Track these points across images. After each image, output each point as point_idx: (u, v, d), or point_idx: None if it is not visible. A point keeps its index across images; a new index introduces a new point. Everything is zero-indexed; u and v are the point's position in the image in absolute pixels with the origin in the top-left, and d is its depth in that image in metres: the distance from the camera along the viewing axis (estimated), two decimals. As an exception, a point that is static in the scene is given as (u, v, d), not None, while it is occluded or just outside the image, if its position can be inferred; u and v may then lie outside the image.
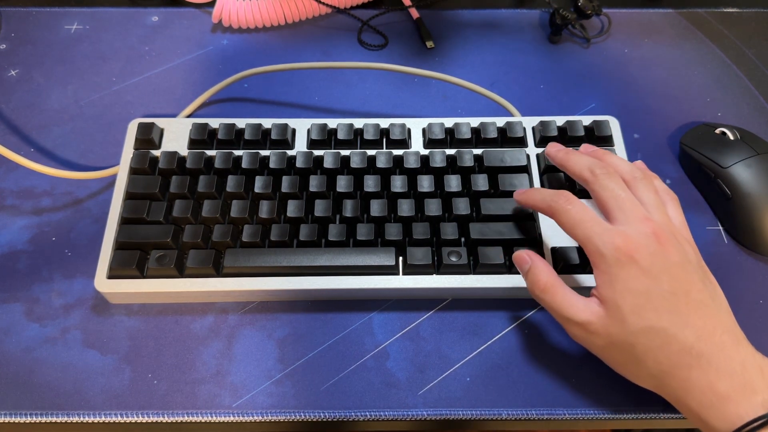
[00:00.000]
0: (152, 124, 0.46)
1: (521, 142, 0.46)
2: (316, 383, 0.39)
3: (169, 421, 0.38)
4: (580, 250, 0.41)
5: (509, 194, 0.43)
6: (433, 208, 0.42)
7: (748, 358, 0.32)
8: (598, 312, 0.34)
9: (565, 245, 0.41)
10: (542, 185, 0.44)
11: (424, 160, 0.44)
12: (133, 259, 0.40)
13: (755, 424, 0.29)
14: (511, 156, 0.44)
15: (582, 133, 0.45)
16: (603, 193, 0.36)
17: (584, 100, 0.53)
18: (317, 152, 0.45)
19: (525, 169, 0.44)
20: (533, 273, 0.36)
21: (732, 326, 0.33)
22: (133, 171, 0.44)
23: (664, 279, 0.32)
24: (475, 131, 0.46)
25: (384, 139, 0.46)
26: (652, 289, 0.32)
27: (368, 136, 0.46)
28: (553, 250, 0.41)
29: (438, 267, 0.41)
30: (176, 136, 0.46)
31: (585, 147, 0.42)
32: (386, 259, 0.40)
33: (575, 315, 0.34)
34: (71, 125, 0.51)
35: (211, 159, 0.45)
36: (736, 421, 0.30)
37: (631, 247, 0.33)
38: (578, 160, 0.38)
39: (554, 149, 0.41)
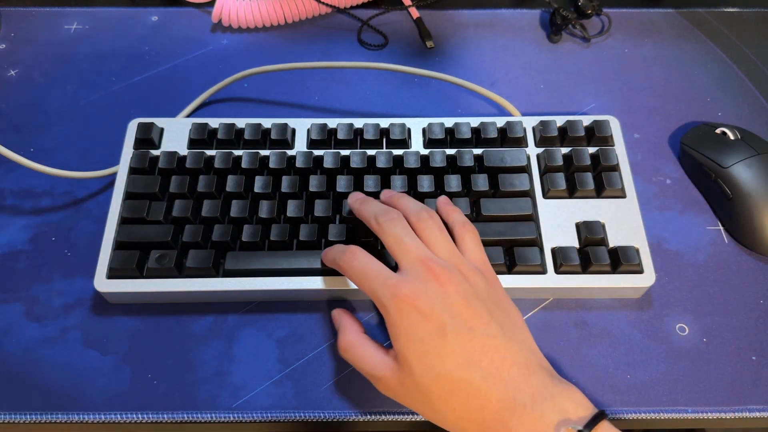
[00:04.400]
0: (152, 124, 0.46)
1: (521, 142, 0.46)
2: (316, 383, 0.39)
3: (169, 421, 0.38)
4: (580, 250, 0.41)
5: (509, 194, 0.43)
6: (433, 208, 0.42)
7: (539, 389, 0.31)
8: (391, 366, 0.33)
9: (565, 245, 0.41)
10: (542, 185, 0.44)
11: (424, 160, 0.44)
12: (132, 259, 0.40)
13: None
14: (511, 156, 0.44)
15: (582, 133, 0.45)
16: (387, 240, 0.35)
17: (584, 99, 0.53)
18: (317, 152, 0.45)
19: (525, 169, 0.44)
20: (339, 334, 0.36)
21: (524, 355, 0.32)
22: (133, 171, 0.44)
23: (446, 320, 0.31)
24: (475, 131, 0.46)
25: (384, 139, 0.46)
26: (434, 333, 0.31)
27: (368, 136, 0.45)
28: (553, 250, 0.41)
29: (438, 267, 0.41)
30: (176, 136, 0.46)
31: (384, 193, 0.40)
32: (387, 259, 0.40)
33: (372, 371, 0.34)
34: (71, 125, 0.51)
35: (210, 159, 0.45)
36: None
37: (410, 293, 0.32)
38: (367, 209, 0.38)
39: (352, 199, 0.40)
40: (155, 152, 0.45)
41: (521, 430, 0.30)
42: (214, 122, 0.46)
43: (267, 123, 0.46)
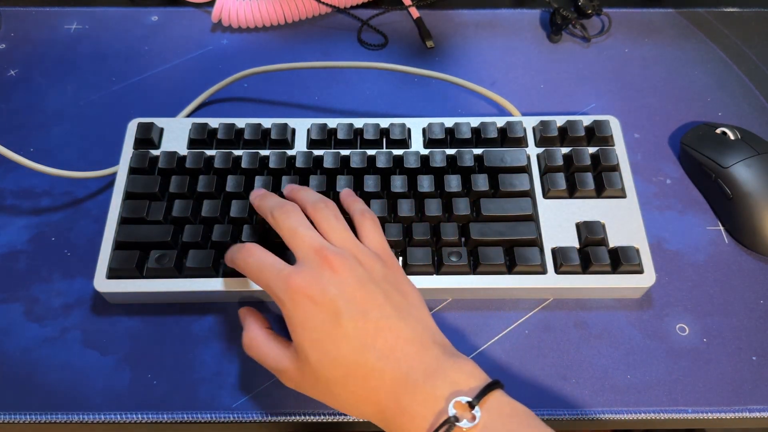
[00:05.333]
0: (152, 124, 0.46)
1: (521, 142, 0.46)
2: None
3: (169, 421, 0.38)
4: (580, 250, 0.41)
5: (509, 194, 0.43)
6: (433, 208, 0.42)
7: (431, 364, 0.31)
8: (291, 357, 0.33)
9: (565, 245, 0.41)
10: (542, 185, 0.44)
11: (424, 160, 0.44)
12: (132, 259, 0.40)
13: None
14: (511, 156, 0.44)
15: (582, 133, 0.45)
16: (282, 232, 0.35)
17: (584, 99, 0.53)
18: (317, 152, 0.45)
19: (525, 169, 0.44)
20: (243, 331, 0.36)
21: (418, 333, 0.32)
22: (133, 171, 0.44)
23: (340, 306, 0.31)
24: (475, 131, 0.46)
25: (384, 139, 0.46)
26: (327, 320, 0.31)
27: (368, 136, 0.45)
28: (553, 250, 0.41)
29: (438, 267, 0.41)
30: (176, 136, 0.46)
31: (286, 187, 0.40)
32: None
33: (274, 365, 0.34)
34: (71, 125, 0.51)
35: (210, 159, 0.45)
36: None
37: (303, 283, 0.32)
38: (265, 204, 0.38)
39: (252, 196, 0.40)
40: (155, 152, 0.45)
41: (414, 406, 0.30)
42: (214, 122, 0.46)
43: (267, 123, 0.46)
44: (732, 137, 0.46)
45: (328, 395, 0.33)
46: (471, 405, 0.29)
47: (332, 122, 0.46)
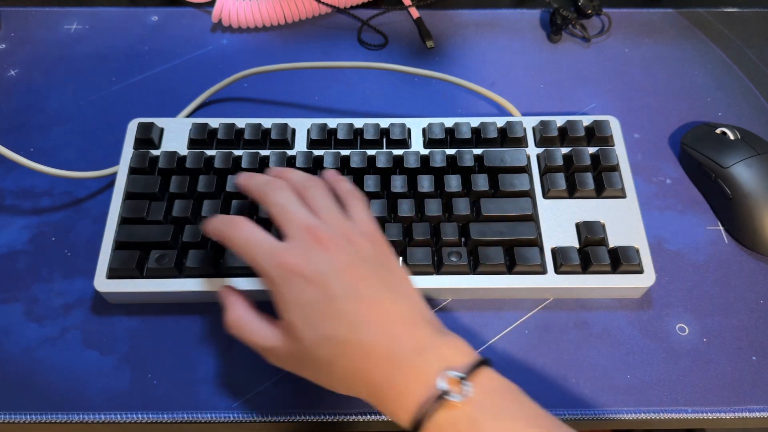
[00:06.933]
0: (152, 124, 0.46)
1: (521, 142, 0.46)
2: (316, 383, 0.39)
3: (169, 421, 0.38)
4: (580, 250, 0.41)
5: (509, 194, 0.43)
6: (433, 208, 0.42)
7: (422, 341, 0.31)
8: (280, 335, 0.33)
9: (565, 245, 0.41)
10: (542, 185, 0.44)
11: (424, 160, 0.44)
12: (132, 259, 0.40)
13: (427, 411, 0.28)
14: (511, 156, 0.44)
15: (582, 133, 0.45)
16: (272, 209, 0.35)
17: (584, 99, 0.53)
18: (317, 152, 0.45)
19: (525, 169, 0.44)
20: (225, 311, 0.36)
21: (411, 311, 0.32)
22: (133, 171, 0.44)
23: (333, 284, 0.31)
24: (475, 131, 0.46)
25: (384, 139, 0.46)
26: (320, 297, 0.31)
27: (368, 136, 0.45)
28: (553, 250, 0.41)
29: (438, 267, 0.41)
30: (176, 136, 0.46)
31: (272, 169, 0.40)
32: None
33: (262, 343, 0.34)
34: (71, 125, 0.51)
35: (210, 159, 0.45)
36: (414, 411, 0.29)
37: (293, 260, 0.32)
38: (253, 181, 0.37)
39: (240, 177, 0.39)
40: (155, 152, 0.45)
41: (404, 382, 0.30)
42: (214, 122, 0.46)
43: (267, 123, 0.46)
44: (732, 137, 0.46)
45: (319, 373, 0.33)
46: (462, 380, 0.29)
47: (332, 122, 0.46)
